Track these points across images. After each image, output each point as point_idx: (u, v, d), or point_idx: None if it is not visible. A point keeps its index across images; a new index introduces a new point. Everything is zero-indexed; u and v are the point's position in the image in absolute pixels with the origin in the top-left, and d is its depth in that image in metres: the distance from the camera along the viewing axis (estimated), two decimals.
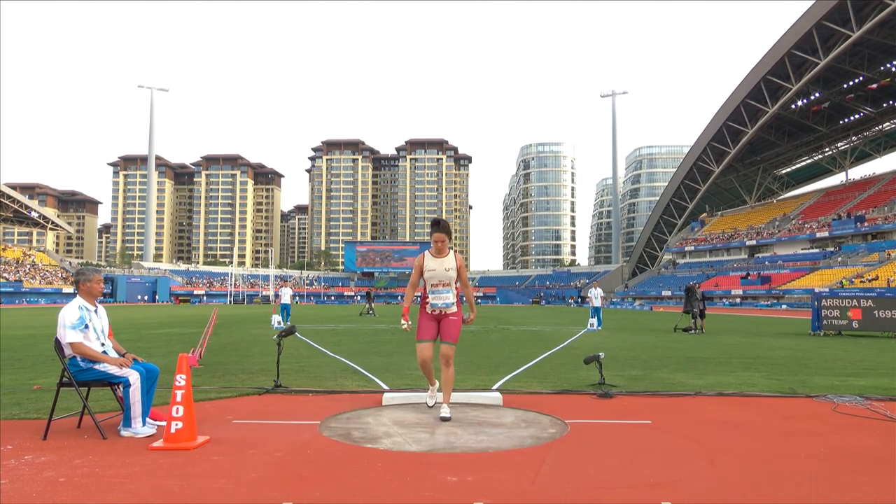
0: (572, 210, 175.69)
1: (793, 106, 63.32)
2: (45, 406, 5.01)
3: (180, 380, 4.01)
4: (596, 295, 20.12)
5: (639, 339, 14.71)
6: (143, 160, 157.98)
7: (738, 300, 62.54)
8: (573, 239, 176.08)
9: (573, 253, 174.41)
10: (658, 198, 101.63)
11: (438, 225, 4.86)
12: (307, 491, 3.12)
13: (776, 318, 31.16)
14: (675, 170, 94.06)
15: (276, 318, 19.73)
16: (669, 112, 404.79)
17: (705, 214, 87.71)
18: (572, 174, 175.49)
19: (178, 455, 3.75)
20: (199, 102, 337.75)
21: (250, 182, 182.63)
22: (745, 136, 67.53)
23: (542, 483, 3.27)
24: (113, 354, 4.47)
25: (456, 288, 4.91)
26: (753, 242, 71.74)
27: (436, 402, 5.09)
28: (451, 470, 3.49)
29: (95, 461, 3.60)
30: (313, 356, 9.94)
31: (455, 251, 4.98)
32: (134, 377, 4.26)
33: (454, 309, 4.88)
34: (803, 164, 79.57)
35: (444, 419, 4.71)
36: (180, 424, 3.94)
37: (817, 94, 61.93)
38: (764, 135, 68.74)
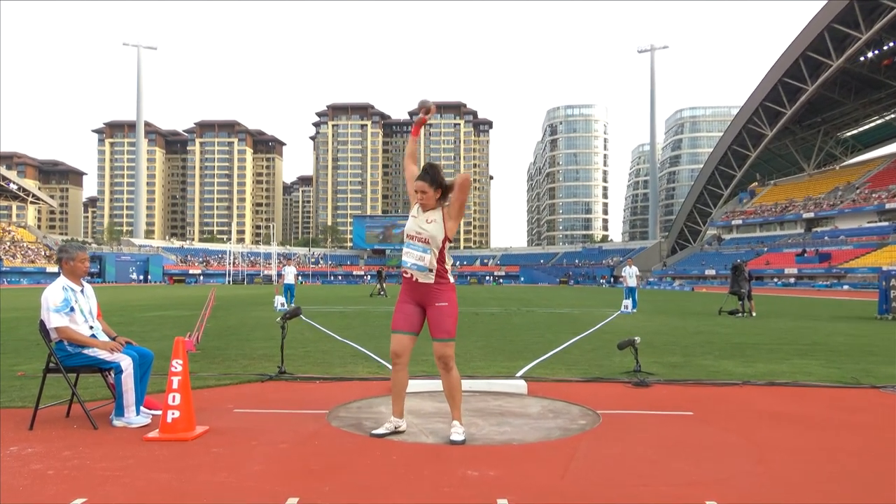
0: (604, 180, 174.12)
1: (861, 58, 61.37)
2: (31, 394, 5.10)
3: (177, 365, 4.06)
4: (631, 274, 20.07)
5: (679, 323, 14.66)
6: (131, 127, 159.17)
7: (792, 280, 61.82)
8: (605, 212, 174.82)
9: (605, 228, 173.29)
10: (702, 165, 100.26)
11: (423, 172, 4.06)
12: (315, 485, 3.16)
13: (836, 300, 30.77)
14: (721, 134, 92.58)
15: (280, 300, 19.94)
16: (716, 69, 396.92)
17: (755, 184, 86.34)
18: (605, 140, 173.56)
19: (176, 446, 3.82)
20: (192, 63, 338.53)
21: (249, 151, 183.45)
22: (804, 93, 65.92)
23: (572, 478, 3.27)
24: (103, 337, 4.53)
25: (440, 252, 4.02)
26: (811, 215, 70.53)
27: (392, 431, 4.14)
28: (472, 463, 3.50)
29: (86, 453, 3.67)
30: (320, 340, 10.05)
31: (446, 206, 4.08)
32: (126, 362, 4.32)
33: (429, 279, 4.00)
34: (872, 125, 77.31)
35: (455, 442, 3.93)
36: (177, 413, 4.00)
37: (891, 44, 59.84)
38: (826, 92, 66.91)
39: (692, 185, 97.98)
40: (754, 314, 17.42)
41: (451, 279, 4.17)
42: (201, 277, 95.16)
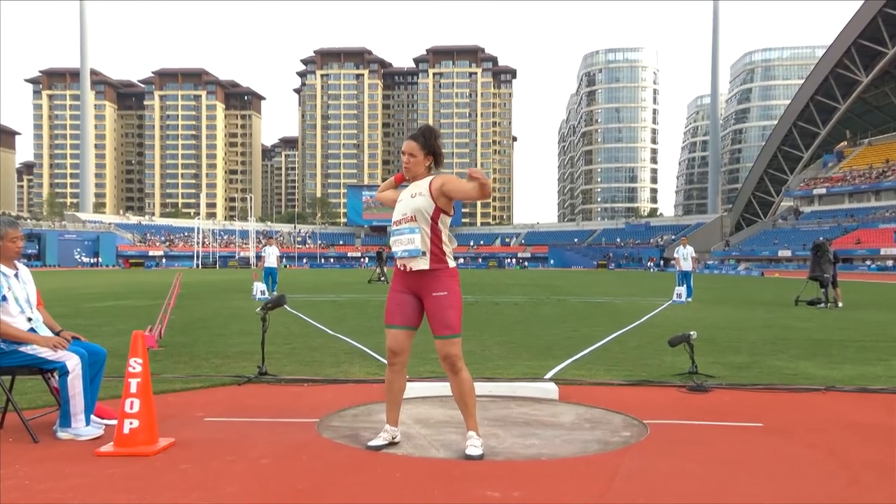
0: (654, 141, 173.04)
1: None
2: None
3: (135, 365, 4.08)
4: (685, 255, 20.05)
5: (745, 315, 14.64)
6: (74, 75, 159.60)
7: (890, 263, 61.29)
8: (654, 181, 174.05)
9: (654, 200, 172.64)
10: (776, 122, 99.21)
11: (419, 132, 4.27)
12: None
13: None
14: (801, 82, 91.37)
15: (260, 287, 20.10)
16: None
17: (845, 143, 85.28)
18: (654, 92, 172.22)
19: (134, 462, 3.85)
20: None
21: (220, 106, 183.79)
22: None
23: (613, 501, 3.28)
24: (44, 331, 4.55)
25: (433, 232, 4.11)
26: None
27: (389, 442, 4.23)
28: (492, 482, 3.52)
29: (25, 471, 3.70)
30: (308, 335, 10.15)
31: (441, 174, 4.21)
32: (73, 362, 4.34)
33: (423, 264, 4.10)
34: None
35: (472, 457, 3.95)
36: (136, 423, 4.03)
37: None
38: None
39: (763, 147, 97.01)
40: (840, 304, 17.31)
41: (452, 263, 4.21)
42: (164, 260, 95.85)
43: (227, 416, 5.02)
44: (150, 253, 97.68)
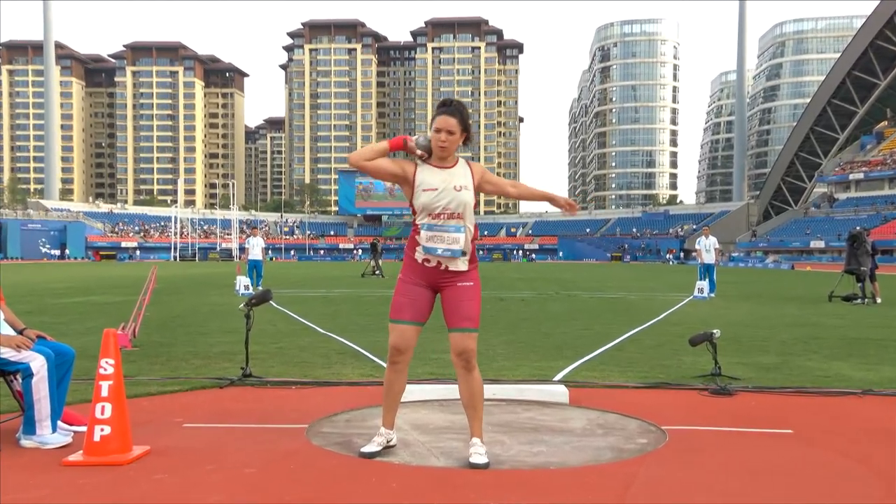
0: (674, 122, 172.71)
1: None
2: None
3: (107, 366, 4.07)
4: (708, 247, 20.06)
5: (773, 312, 14.69)
6: (38, 49, 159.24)
7: None
8: (674, 165, 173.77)
9: (674, 186, 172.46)
10: (809, 100, 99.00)
11: (449, 106, 4.09)
12: None
13: None
14: (837, 56, 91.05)
15: (243, 281, 20.15)
16: None
17: (885, 123, 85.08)
18: (675, 68, 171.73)
19: (106, 472, 3.84)
20: None
21: (199, 84, 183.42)
22: None
23: None
24: (6, 330, 4.54)
25: (472, 228, 4.18)
26: None
27: (384, 446, 4.23)
28: (496, 492, 3.53)
29: None
30: (297, 334, 10.20)
31: (474, 163, 4.27)
32: (38, 363, 4.33)
33: (462, 266, 4.11)
34: None
35: (476, 465, 3.95)
36: (107, 429, 4.02)
37: None
38: None
39: (794, 127, 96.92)
40: (879, 300, 17.33)
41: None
42: (138, 252, 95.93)
43: (207, 421, 5.02)
44: (123, 244, 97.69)
